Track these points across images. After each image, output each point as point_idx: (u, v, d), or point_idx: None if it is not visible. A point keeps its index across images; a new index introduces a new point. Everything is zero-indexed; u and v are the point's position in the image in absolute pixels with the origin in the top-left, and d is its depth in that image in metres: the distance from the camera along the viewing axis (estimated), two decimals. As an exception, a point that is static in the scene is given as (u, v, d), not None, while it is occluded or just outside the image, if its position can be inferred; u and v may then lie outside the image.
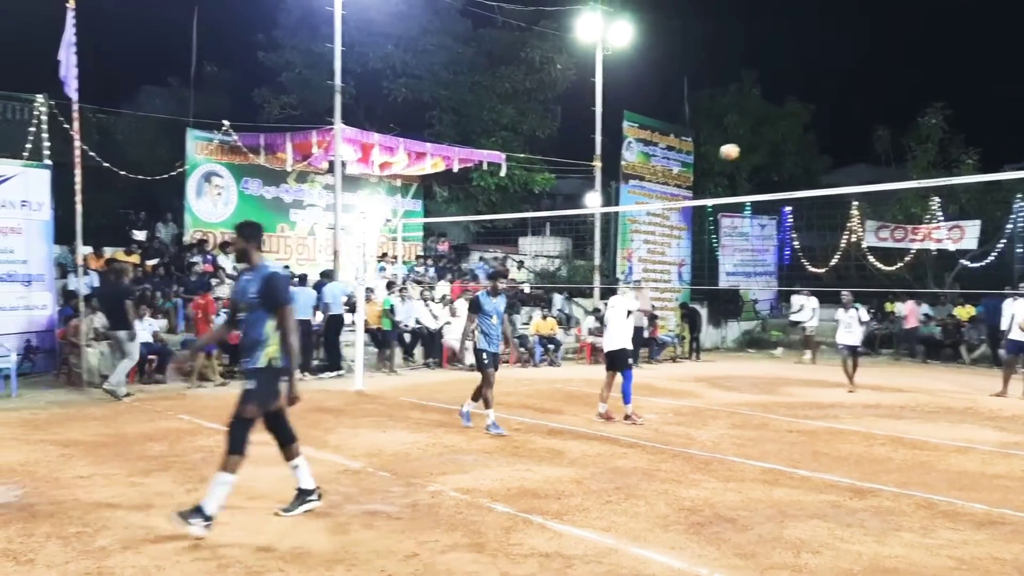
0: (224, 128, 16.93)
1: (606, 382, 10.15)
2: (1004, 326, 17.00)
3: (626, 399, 9.94)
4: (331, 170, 17.10)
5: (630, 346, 10.34)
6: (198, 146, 17.47)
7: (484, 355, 9.23)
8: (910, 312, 20.72)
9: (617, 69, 21.69)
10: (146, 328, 12.80)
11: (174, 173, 17.04)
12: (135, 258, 15.51)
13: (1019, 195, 20.94)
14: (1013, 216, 21.08)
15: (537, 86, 23.70)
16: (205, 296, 13.87)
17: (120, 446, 7.94)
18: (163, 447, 7.93)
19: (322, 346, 14.56)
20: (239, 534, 5.27)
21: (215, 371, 13.09)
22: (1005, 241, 21.30)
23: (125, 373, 11.29)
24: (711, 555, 5.02)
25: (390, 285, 16.24)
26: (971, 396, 13.17)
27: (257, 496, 6.17)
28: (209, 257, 16.75)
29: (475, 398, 9.43)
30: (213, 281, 15.42)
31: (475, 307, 9.32)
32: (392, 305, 15.32)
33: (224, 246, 17.28)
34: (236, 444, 5.39)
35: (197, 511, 5.17)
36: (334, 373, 14.05)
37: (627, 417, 9.89)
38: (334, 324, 14.28)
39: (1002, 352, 14.70)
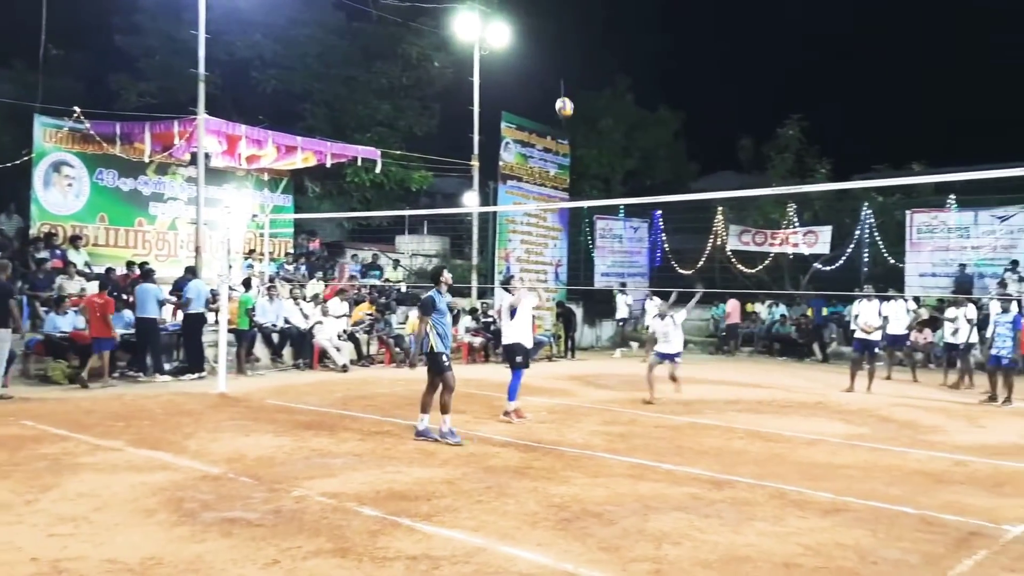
0: (76, 115, 15.86)
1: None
2: (854, 324, 18.28)
3: (511, 396, 9.93)
4: (194, 162, 16.35)
5: (529, 343, 10.32)
6: (47, 133, 16.28)
7: (444, 357, 8.57)
8: (733, 309, 22.11)
9: (495, 69, 21.80)
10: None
11: (19, 162, 15.85)
12: (-28, 252, 14.36)
13: (866, 203, 22.38)
14: (861, 222, 22.51)
15: (414, 83, 23.50)
16: (102, 295, 12.99)
17: (-49, 456, 7.32)
18: (2, 455, 7.36)
19: (181, 346, 13.89)
20: (84, 546, 4.95)
21: (63, 374, 12.33)
22: (854, 246, 22.72)
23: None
24: (576, 550, 5.08)
25: (247, 282, 15.62)
26: (823, 392, 13.94)
27: (105, 506, 5.80)
28: (58, 252, 15.67)
29: (425, 410, 8.65)
30: (61, 277, 14.44)
31: (429, 307, 8.59)
32: (254, 304, 14.78)
33: (74, 240, 16.21)
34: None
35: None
36: (196, 375, 13.44)
37: (506, 414, 9.89)
38: (194, 323, 13.64)
39: (847, 350, 15.74)
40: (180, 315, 13.97)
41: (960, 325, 14.73)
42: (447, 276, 8.92)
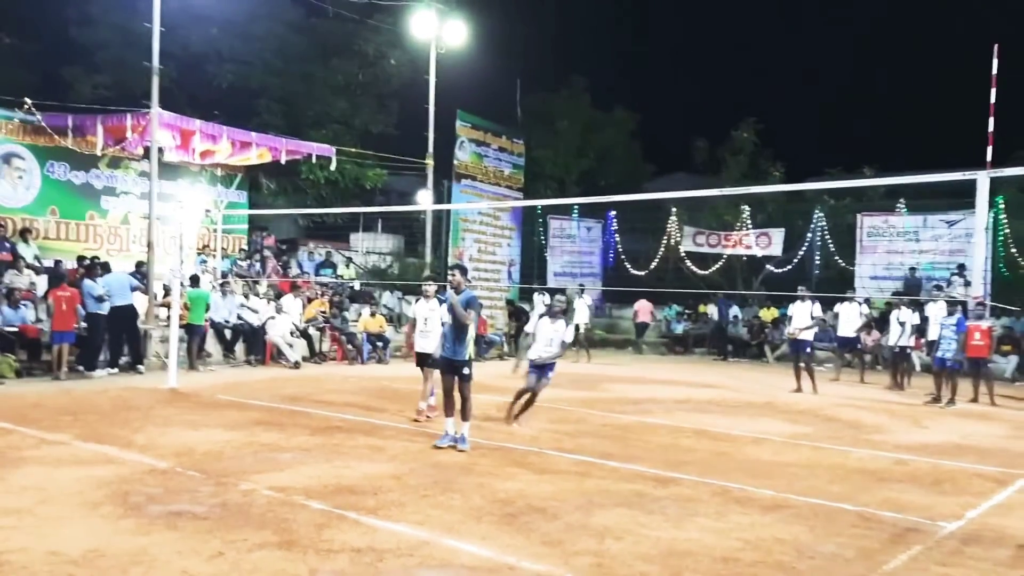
0: (26, 106, 15.52)
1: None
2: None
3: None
4: (147, 156, 16.10)
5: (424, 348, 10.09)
6: (-4, 124, 15.93)
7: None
8: (640, 309, 22.88)
9: (451, 68, 21.81)
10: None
11: (-34, 152, 15.48)
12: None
13: (818, 206, 22.86)
14: (813, 225, 22.98)
15: (371, 80, 23.41)
16: (64, 287, 12.88)
17: None
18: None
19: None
20: (26, 539, 4.91)
21: (11, 368, 12.09)
22: (805, 248, 23.19)
23: None
24: (519, 544, 5.17)
25: (195, 278, 15.42)
26: (771, 392, 14.22)
27: (49, 499, 5.75)
28: (7, 245, 15.32)
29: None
30: (10, 272, 14.14)
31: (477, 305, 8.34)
32: (191, 300, 14.56)
33: (24, 233, 15.87)
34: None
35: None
36: (115, 369, 13.24)
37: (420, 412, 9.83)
38: (118, 317, 13.33)
39: (785, 350, 16.03)
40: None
41: (894, 328, 15.14)
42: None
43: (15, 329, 12.74)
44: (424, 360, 9.94)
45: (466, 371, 8.13)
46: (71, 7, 20.99)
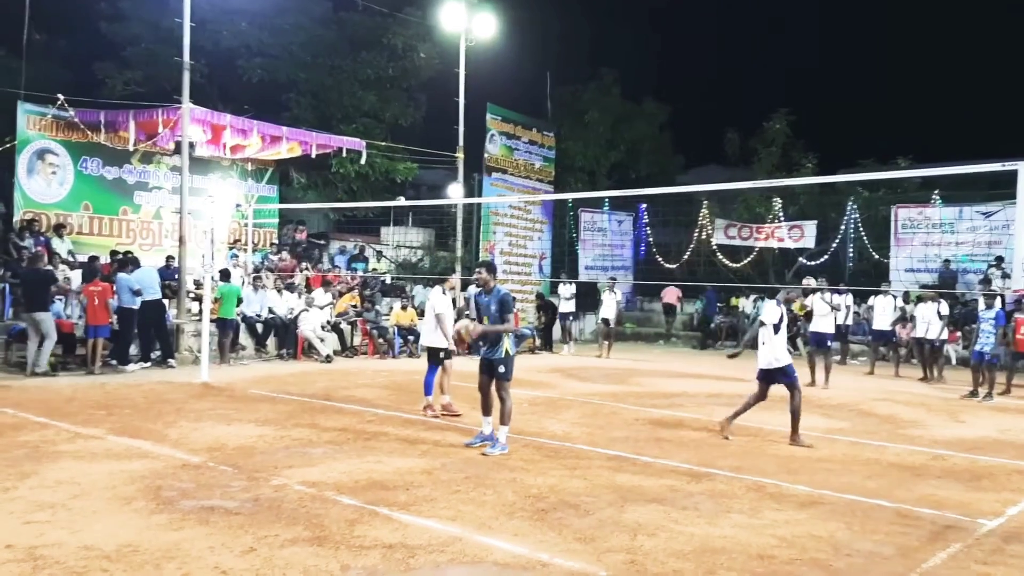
0: (59, 102, 15.74)
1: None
2: (838, 319, 18.36)
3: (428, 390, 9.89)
4: (178, 151, 16.25)
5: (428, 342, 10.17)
6: (30, 121, 16.17)
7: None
8: (667, 292, 23.30)
9: (481, 61, 21.73)
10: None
11: (2, 149, 15.72)
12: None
13: (851, 197, 22.51)
14: (846, 217, 22.65)
15: (400, 74, 23.38)
16: (97, 282, 13.03)
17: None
18: (-19, 443, 7.34)
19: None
20: (60, 533, 4.95)
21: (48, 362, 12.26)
22: (839, 240, 22.86)
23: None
24: (552, 540, 5.12)
25: (226, 273, 15.53)
26: (803, 386, 13.97)
27: (83, 494, 5.80)
28: (42, 239, 15.57)
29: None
30: (49, 266, 14.33)
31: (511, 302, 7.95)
32: (222, 294, 14.69)
33: (58, 228, 16.12)
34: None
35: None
36: (148, 363, 13.37)
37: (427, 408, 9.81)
38: (148, 312, 13.44)
39: (835, 345, 15.77)
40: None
41: (931, 320, 14.86)
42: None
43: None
44: (435, 355, 9.81)
45: (502, 369, 7.70)
46: (102, 3, 21.17)
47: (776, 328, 8.78)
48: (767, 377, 8.84)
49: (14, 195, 16.10)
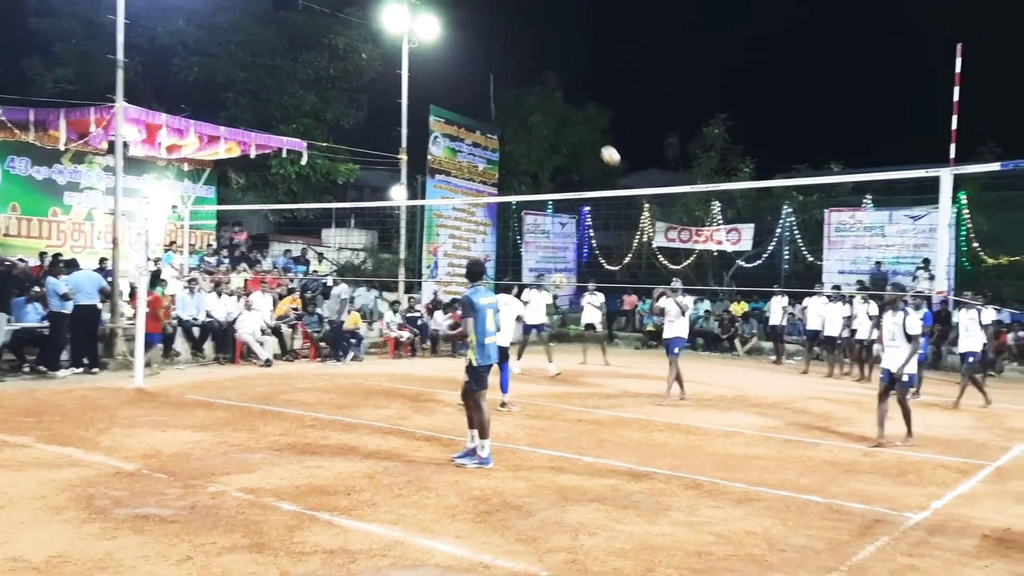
0: (-14, 100, 15.21)
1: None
2: (773, 320, 18.76)
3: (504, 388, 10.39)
4: (112, 151, 15.82)
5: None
6: (-46, 118, 15.59)
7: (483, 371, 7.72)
8: (628, 300, 23.72)
9: (424, 63, 21.68)
10: None
11: (-77, 147, 15.15)
12: None
13: (787, 202, 23.05)
14: (782, 220, 23.18)
15: (342, 74, 23.19)
16: (151, 293, 12.99)
17: None
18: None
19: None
20: (-13, 545, 4.79)
21: None
22: (775, 243, 23.38)
23: None
24: (495, 542, 5.15)
25: (156, 275, 15.17)
26: (740, 385, 14.31)
27: (10, 504, 5.62)
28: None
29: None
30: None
31: (469, 308, 7.55)
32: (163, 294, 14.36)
33: (-13, 229, 15.58)
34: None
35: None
36: (80, 369, 12.99)
37: (503, 405, 10.24)
38: (82, 316, 13.04)
39: (767, 345, 16.10)
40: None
41: (863, 320, 15.31)
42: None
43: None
44: (505, 354, 10.33)
45: (464, 377, 7.59)
46: (32, -2, 20.57)
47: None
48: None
49: (-63, 195, 15.51)
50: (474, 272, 7.85)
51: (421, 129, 21.26)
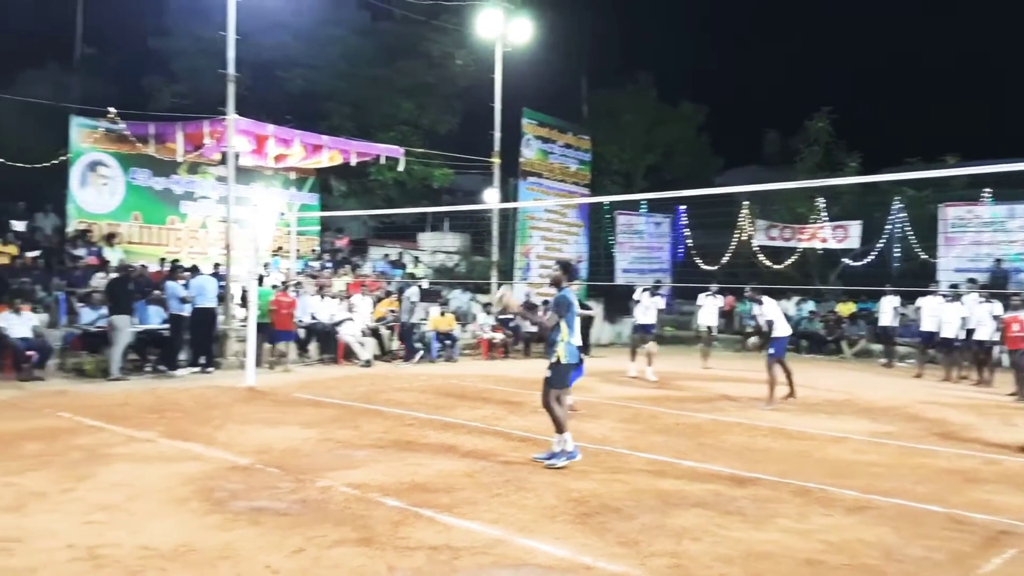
0: (110, 115, 16.17)
1: None
2: (883, 321, 18.02)
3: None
4: (224, 161, 16.57)
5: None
6: (82, 134, 16.65)
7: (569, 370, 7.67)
8: (727, 300, 22.18)
9: (517, 66, 21.83)
10: (25, 322, 12.21)
11: (56, 162, 16.20)
12: (12, 249, 14.71)
13: (896, 197, 22.15)
14: (891, 217, 22.28)
15: (436, 81, 23.60)
16: (284, 293, 14.53)
17: (-9, 446, 7.52)
18: (40, 446, 7.55)
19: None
20: (119, 533, 5.09)
21: (96, 367, 12.57)
22: (884, 241, 22.49)
23: None
24: (595, 544, 5.13)
25: (261, 280, 15.75)
26: (849, 389, 13.81)
27: (138, 495, 5.95)
28: (94, 249, 16.00)
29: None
30: (99, 275, 14.71)
31: (564, 307, 7.52)
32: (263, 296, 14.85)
33: (110, 238, 16.55)
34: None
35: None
36: (197, 368, 13.60)
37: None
38: (200, 318, 13.72)
39: (876, 348, 15.43)
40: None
41: (983, 321, 14.54)
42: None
43: (102, 329, 13.18)
44: None
45: (548, 373, 7.47)
46: (149, 18, 21.71)
47: None
48: None
49: (67, 206, 16.58)
50: (571, 271, 7.90)
51: (513, 132, 21.41)
